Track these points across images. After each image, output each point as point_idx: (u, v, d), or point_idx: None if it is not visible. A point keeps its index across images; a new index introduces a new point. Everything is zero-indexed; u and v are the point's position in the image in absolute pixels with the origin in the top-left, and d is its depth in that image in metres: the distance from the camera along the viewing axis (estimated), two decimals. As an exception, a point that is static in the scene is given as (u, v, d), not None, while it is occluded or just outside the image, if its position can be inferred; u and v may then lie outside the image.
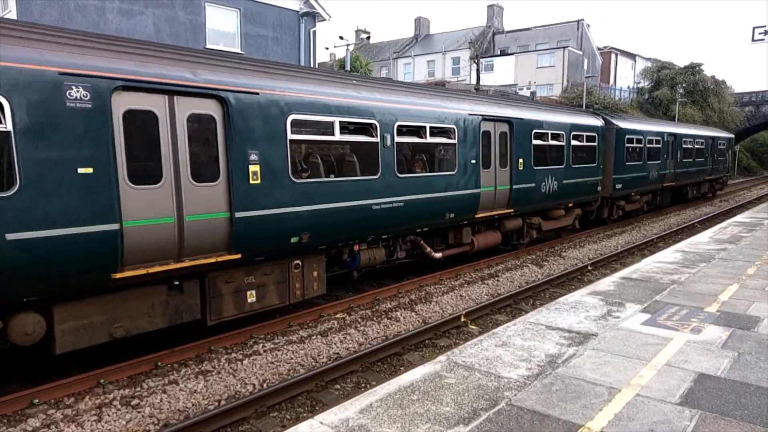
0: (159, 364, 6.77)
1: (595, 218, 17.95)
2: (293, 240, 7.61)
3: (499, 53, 51.43)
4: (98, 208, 5.56)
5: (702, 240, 12.57)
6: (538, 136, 13.07)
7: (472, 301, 9.92)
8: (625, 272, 9.24)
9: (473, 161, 10.91)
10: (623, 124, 18.23)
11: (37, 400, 5.78)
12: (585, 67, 41.14)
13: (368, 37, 49.66)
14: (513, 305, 9.85)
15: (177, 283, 6.68)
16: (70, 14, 15.57)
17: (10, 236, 5.00)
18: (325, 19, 22.31)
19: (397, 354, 7.49)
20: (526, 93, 38.30)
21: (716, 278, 8.57)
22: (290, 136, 7.40)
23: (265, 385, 6.39)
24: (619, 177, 17.75)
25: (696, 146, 25.01)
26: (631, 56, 64.76)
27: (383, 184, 8.87)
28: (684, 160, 23.60)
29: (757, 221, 15.85)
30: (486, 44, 52.12)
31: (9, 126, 5.01)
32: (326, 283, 8.70)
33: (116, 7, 16.50)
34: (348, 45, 25.69)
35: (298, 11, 21.48)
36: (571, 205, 15.35)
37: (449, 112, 10.33)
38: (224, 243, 6.79)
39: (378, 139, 8.74)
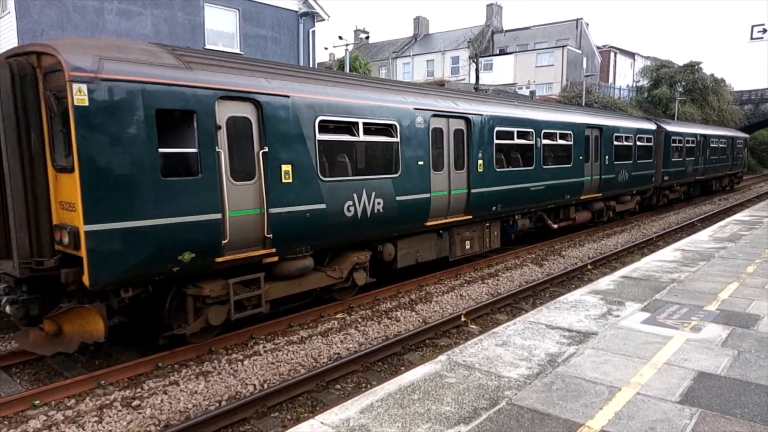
0: (159, 364, 6.78)
1: (646, 204, 21.27)
2: (493, 209, 11.62)
3: (498, 52, 51.40)
4: (424, 185, 9.74)
5: (702, 238, 12.58)
6: (617, 138, 17.15)
7: (472, 301, 9.92)
8: (624, 271, 9.24)
9: (580, 157, 14.88)
10: (670, 128, 21.82)
11: (37, 402, 5.79)
12: (584, 65, 41.21)
13: (367, 37, 49.63)
14: (513, 304, 9.86)
15: (441, 232, 10.71)
16: (69, 15, 15.51)
17: (397, 198, 9.14)
18: (324, 19, 22.28)
19: (398, 354, 7.50)
20: (525, 92, 38.25)
21: (716, 277, 8.59)
22: (495, 141, 11.48)
23: (265, 386, 6.39)
24: (666, 171, 21.43)
25: (720, 145, 28.79)
26: (630, 55, 64.75)
27: (535, 173, 12.90)
28: (711, 157, 27.28)
29: (756, 219, 15.86)
30: (485, 43, 52.10)
31: (397, 138, 9.16)
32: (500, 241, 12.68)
33: (115, 8, 16.45)
34: (347, 45, 25.64)
35: (297, 11, 21.45)
36: (634, 192, 19.32)
37: (569, 122, 14.41)
38: (463, 208, 10.90)
39: (533, 142, 12.79)
